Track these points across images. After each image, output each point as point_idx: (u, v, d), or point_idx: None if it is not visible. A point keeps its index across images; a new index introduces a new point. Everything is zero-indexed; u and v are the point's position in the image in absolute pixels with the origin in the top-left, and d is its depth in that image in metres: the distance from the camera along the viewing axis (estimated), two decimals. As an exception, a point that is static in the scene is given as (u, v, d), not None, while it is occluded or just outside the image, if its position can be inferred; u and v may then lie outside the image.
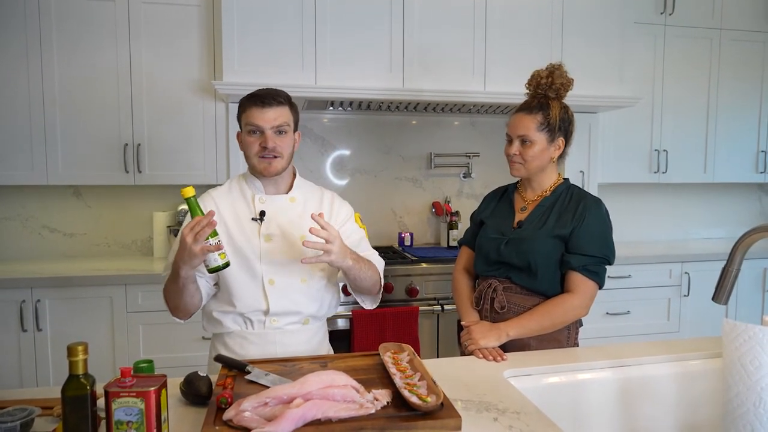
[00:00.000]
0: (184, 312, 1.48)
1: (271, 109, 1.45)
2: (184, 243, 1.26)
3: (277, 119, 1.45)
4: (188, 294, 1.42)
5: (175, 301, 1.45)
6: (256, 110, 1.45)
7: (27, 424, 1.00)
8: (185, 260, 1.28)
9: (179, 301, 1.44)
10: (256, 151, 1.47)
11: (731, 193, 3.95)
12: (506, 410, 1.13)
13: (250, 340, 1.49)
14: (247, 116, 1.46)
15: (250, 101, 1.47)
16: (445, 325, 2.74)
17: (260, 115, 1.44)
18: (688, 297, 3.24)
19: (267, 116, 1.44)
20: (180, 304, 1.45)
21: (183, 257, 1.28)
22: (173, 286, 1.40)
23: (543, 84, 1.61)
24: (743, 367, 0.98)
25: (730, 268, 1.12)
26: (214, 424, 0.99)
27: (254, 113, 1.45)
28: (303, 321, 1.53)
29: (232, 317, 1.49)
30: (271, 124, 1.45)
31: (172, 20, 2.74)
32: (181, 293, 1.40)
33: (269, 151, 1.45)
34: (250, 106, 1.46)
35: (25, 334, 2.48)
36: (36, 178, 2.68)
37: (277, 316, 1.49)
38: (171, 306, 1.48)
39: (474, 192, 3.43)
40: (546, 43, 2.93)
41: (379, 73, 2.75)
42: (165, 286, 1.46)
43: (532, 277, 1.57)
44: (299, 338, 1.52)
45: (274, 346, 1.49)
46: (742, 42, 3.48)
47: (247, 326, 1.50)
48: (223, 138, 2.83)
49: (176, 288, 1.39)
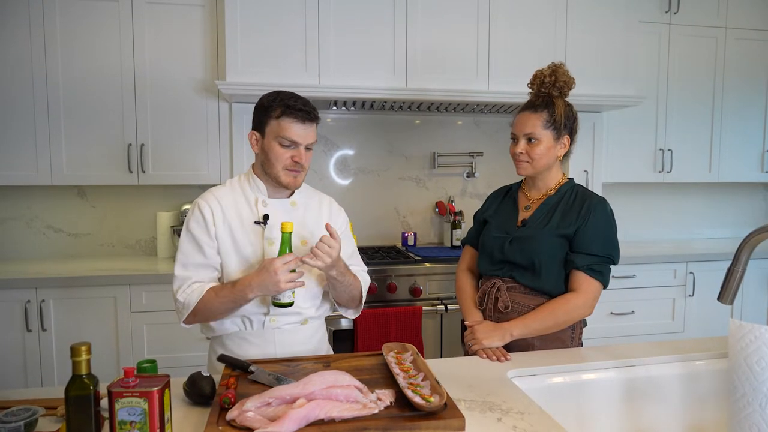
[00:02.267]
0: (206, 321, 1.50)
1: (311, 126, 1.45)
2: (276, 276, 1.30)
3: (312, 137, 1.46)
4: (235, 313, 1.46)
5: (216, 316, 1.45)
6: (297, 125, 1.42)
7: (31, 423, 1.00)
8: (264, 289, 1.33)
9: (221, 317, 1.46)
10: (286, 165, 1.45)
11: (736, 193, 3.93)
12: (510, 410, 1.13)
13: (249, 341, 1.49)
14: (286, 130, 1.42)
15: (291, 114, 1.41)
16: (448, 324, 2.73)
17: (301, 132, 1.42)
18: (692, 297, 3.22)
19: (307, 133, 1.44)
20: (219, 318, 1.47)
21: (264, 286, 1.33)
22: (229, 305, 1.40)
23: (546, 82, 1.60)
24: (749, 368, 0.97)
25: (736, 267, 1.11)
26: (217, 424, 0.99)
27: (293, 127, 1.42)
28: (302, 321, 1.53)
29: (231, 320, 1.49)
30: (307, 141, 1.45)
31: (175, 20, 2.75)
32: (231, 312, 1.44)
33: (300, 166, 1.46)
34: (290, 119, 1.41)
35: (29, 334, 2.48)
36: (40, 178, 2.69)
37: (277, 317, 1.49)
38: (202, 317, 1.45)
39: (477, 191, 3.43)
40: (550, 42, 2.92)
41: (382, 72, 2.75)
42: (207, 301, 1.40)
43: (536, 277, 1.56)
44: (298, 338, 1.52)
45: (274, 346, 1.49)
46: (748, 41, 3.46)
47: (246, 326, 1.50)
48: (227, 138, 2.84)
49: (232, 308, 1.42)
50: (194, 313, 1.43)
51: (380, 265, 2.68)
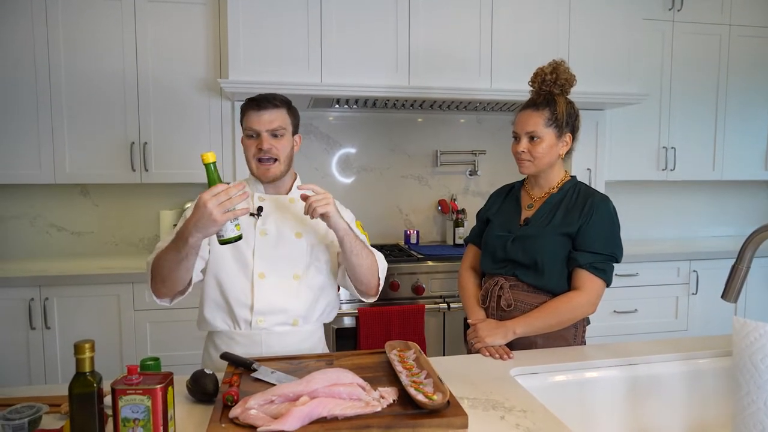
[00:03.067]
0: (170, 288, 1.41)
1: (267, 112, 1.48)
2: (205, 209, 1.19)
3: (273, 122, 1.47)
4: (185, 267, 1.35)
5: (167, 272, 1.36)
6: (253, 113, 1.48)
7: (35, 421, 1.01)
8: (201, 227, 1.22)
9: (173, 273, 1.35)
10: (253, 154, 1.50)
11: (740, 191, 3.91)
12: (513, 408, 1.13)
13: (236, 341, 1.49)
14: (246, 120, 1.50)
15: (247, 105, 1.50)
16: (451, 323, 2.73)
17: (256, 118, 1.48)
18: (696, 295, 3.21)
19: (262, 119, 1.47)
20: (172, 277, 1.36)
21: (199, 223, 1.21)
22: (173, 255, 1.31)
23: (548, 80, 1.60)
24: (754, 366, 0.97)
25: (740, 265, 1.11)
26: (220, 422, 0.99)
27: (251, 116, 1.48)
28: (292, 322, 1.50)
29: (222, 317, 1.50)
30: (266, 126, 1.47)
31: (178, 18, 2.74)
32: (179, 264, 1.33)
33: (265, 153, 1.47)
34: (248, 110, 1.50)
35: (33, 332, 2.49)
36: (43, 177, 2.69)
37: (263, 315, 1.48)
38: (159, 278, 1.38)
39: (480, 190, 3.42)
40: (553, 40, 2.92)
41: (384, 70, 2.74)
42: (159, 255, 1.36)
43: (539, 275, 1.56)
44: (286, 341, 1.50)
45: (260, 348, 1.48)
46: (752, 38, 3.45)
47: (235, 326, 1.50)
48: (229, 136, 2.84)
49: (176, 258, 1.31)
50: (153, 273, 1.39)
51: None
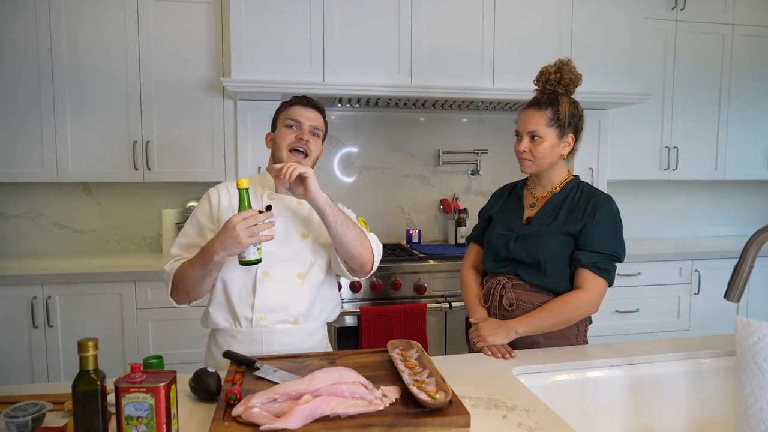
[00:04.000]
0: (192, 297, 1.47)
1: (312, 111, 1.58)
2: (234, 230, 1.27)
3: (315, 120, 1.57)
4: (209, 281, 1.43)
5: (192, 285, 1.43)
6: (300, 108, 1.56)
7: (38, 419, 1.01)
8: (227, 246, 1.30)
9: (197, 287, 1.43)
10: (290, 143, 1.53)
11: (742, 191, 3.91)
12: (515, 407, 1.13)
13: (237, 339, 1.50)
14: (288, 113, 1.56)
15: (295, 101, 1.58)
16: (453, 322, 2.73)
17: (303, 112, 1.56)
18: (698, 295, 3.21)
19: (308, 115, 1.56)
20: (196, 290, 1.44)
21: (226, 243, 1.30)
22: (198, 270, 1.39)
23: (552, 79, 1.59)
24: (757, 365, 0.97)
25: (743, 265, 1.11)
26: (223, 420, 1.00)
27: (296, 110, 1.56)
28: (293, 320, 1.51)
29: (224, 314, 1.51)
30: (310, 122, 1.55)
31: (181, 17, 2.75)
32: (204, 279, 1.41)
33: (302, 144, 1.52)
34: (294, 105, 1.57)
35: (36, 330, 2.50)
36: (46, 175, 2.70)
37: (264, 313, 1.48)
38: (183, 289, 1.45)
39: (482, 189, 3.42)
40: (555, 39, 2.91)
41: (387, 69, 2.74)
42: (182, 270, 1.44)
43: (541, 274, 1.56)
44: (287, 339, 1.50)
45: (260, 346, 1.48)
46: (755, 38, 3.44)
47: (235, 324, 1.50)
48: (232, 135, 2.84)
49: (201, 273, 1.39)
50: (175, 284, 1.46)
51: (384, 262, 2.67)
